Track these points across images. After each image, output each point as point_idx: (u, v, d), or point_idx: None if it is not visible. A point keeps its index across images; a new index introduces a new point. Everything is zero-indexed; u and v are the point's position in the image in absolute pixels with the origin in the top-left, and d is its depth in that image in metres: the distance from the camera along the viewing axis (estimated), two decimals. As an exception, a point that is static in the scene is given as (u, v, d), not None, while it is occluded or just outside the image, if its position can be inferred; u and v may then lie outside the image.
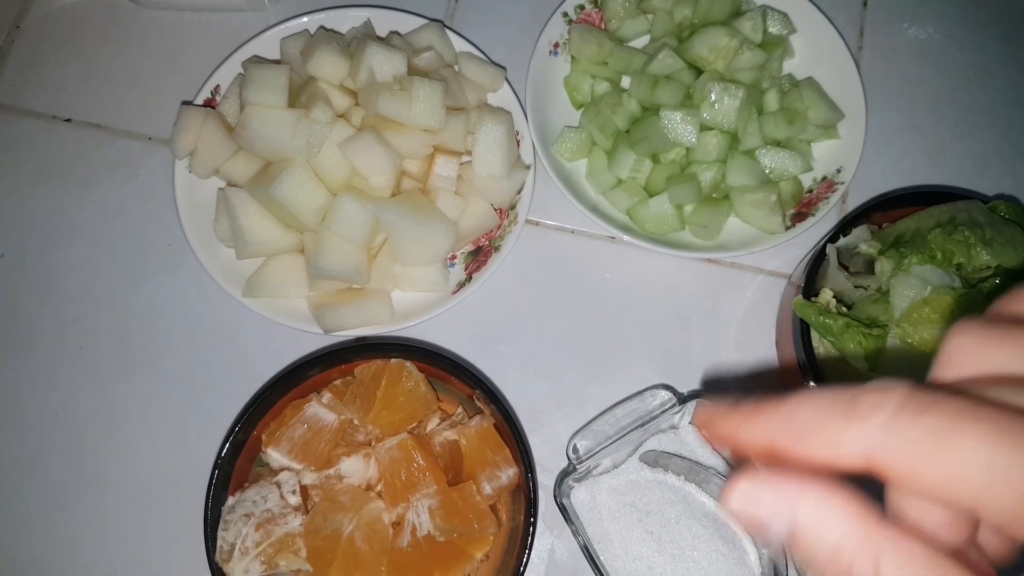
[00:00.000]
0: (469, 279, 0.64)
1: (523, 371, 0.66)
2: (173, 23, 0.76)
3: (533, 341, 0.66)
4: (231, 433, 0.55)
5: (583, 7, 0.70)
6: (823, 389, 0.20)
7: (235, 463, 0.55)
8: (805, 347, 0.55)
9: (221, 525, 0.53)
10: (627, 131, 0.67)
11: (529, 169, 0.66)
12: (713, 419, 0.23)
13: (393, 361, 0.56)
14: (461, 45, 0.69)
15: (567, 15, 0.70)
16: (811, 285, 0.57)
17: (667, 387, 0.61)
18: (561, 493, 0.56)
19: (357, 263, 0.61)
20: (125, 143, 0.72)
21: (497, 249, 0.64)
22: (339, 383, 0.58)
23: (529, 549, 0.52)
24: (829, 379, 0.55)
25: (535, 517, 0.53)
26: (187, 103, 0.67)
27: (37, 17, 0.76)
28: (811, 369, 0.55)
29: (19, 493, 0.63)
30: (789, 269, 0.68)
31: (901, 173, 0.71)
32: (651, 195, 0.66)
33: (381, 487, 0.54)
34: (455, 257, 0.67)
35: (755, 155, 0.65)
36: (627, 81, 0.71)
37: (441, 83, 0.61)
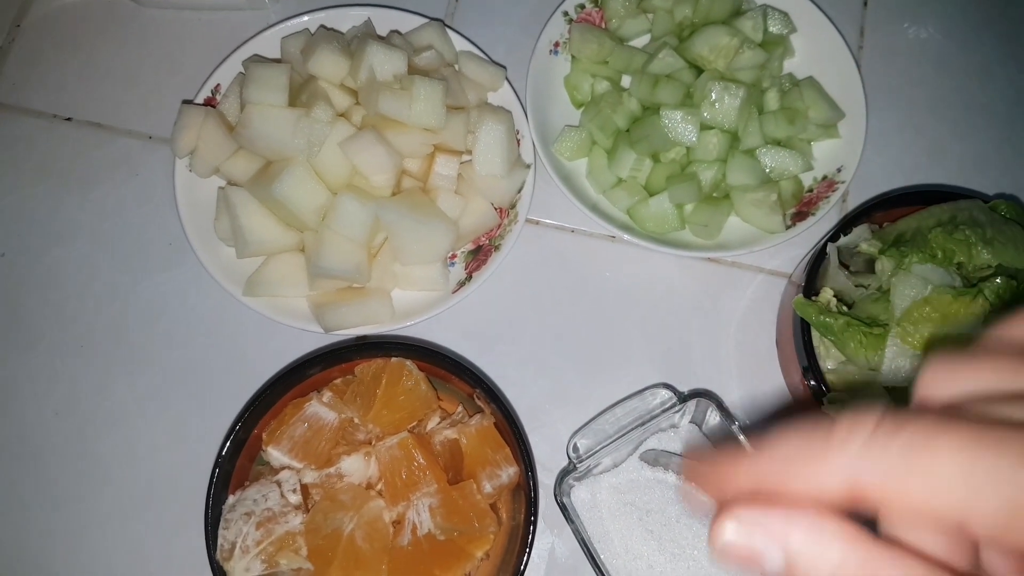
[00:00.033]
0: (469, 278, 0.64)
1: (523, 370, 0.66)
2: (173, 22, 0.76)
3: (533, 340, 0.66)
4: (231, 432, 0.55)
5: (583, 6, 0.70)
6: (799, 427, 0.20)
7: (235, 462, 0.55)
8: (806, 346, 0.55)
9: (222, 524, 0.53)
10: (627, 130, 0.67)
11: (529, 168, 0.66)
12: (699, 476, 0.23)
13: (393, 360, 0.56)
14: (461, 44, 0.69)
15: (567, 14, 0.70)
16: (812, 284, 0.57)
17: (667, 386, 0.61)
18: (561, 492, 0.56)
19: (357, 262, 0.61)
20: (125, 142, 0.72)
21: (497, 248, 0.64)
22: (339, 382, 0.58)
23: (529, 548, 0.52)
24: (834, 386, 0.55)
25: (535, 516, 0.53)
26: (187, 102, 0.67)
27: (37, 16, 0.76)
28: (811, 369, 0.55)
29: (19, 492, 0.63)
30: (789, 268, 0.68)
31: (901, 172, 0.71)
32: (651, 194, 0.66)
33: (381, 486, 0.54)
34: (455, 256, 0.67)
35: (755, 154, 0.65)
36: (627, 80, 0.71)
37: (441, 82, 0.61)
